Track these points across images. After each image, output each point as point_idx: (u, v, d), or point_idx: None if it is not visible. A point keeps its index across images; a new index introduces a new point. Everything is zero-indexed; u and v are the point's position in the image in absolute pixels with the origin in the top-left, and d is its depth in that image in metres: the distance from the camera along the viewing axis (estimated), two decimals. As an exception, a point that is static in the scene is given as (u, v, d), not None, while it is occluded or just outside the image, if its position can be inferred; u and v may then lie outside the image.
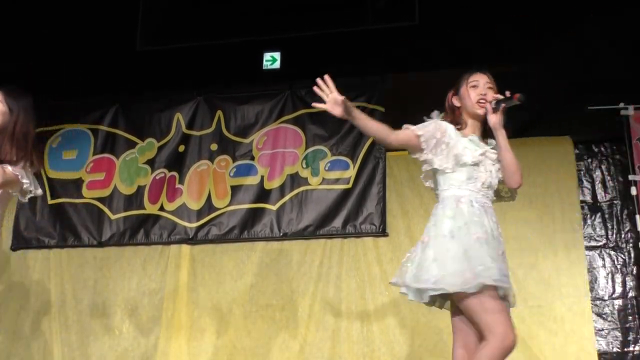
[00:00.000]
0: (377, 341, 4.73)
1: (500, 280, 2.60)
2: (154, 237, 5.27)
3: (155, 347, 4.94)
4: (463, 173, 2.76)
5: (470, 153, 2.76)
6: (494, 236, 2.72)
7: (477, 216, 2.70)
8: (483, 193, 2.77)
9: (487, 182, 2.77)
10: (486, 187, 2.78)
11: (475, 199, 2.74)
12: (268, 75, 5.45)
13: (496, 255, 2.66)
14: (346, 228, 5.03)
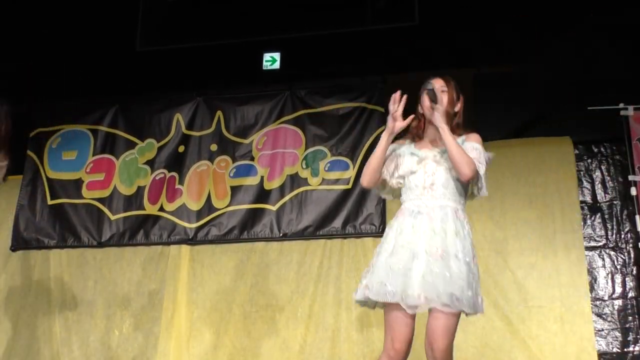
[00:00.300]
0: (377, 342, 4.73)
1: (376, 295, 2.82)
2: (153, 238, 5.27)
3: (155, 348, 4.94)
4: (406, 185, 2.87)
5: (407, 165, 2.88)
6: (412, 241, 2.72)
7: (401, 224, 2.78)
8: (428, 197, 2.79)
9: (428, 183, 2.80)
10: (429, 189, 2.80)
11: (415, 205, 2.79)
12: (268, 76, 5.45)
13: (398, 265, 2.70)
14: (346, 228, 5.03)
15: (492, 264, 4.71)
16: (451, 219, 2.77)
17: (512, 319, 4.55)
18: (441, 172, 2.81)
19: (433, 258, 2.65)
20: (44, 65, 5.35)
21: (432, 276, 2.62)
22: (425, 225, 2.72)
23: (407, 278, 2.67)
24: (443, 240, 2.70)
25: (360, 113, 5.25)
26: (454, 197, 2.82)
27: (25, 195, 5.53)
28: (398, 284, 2.69)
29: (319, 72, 5.47)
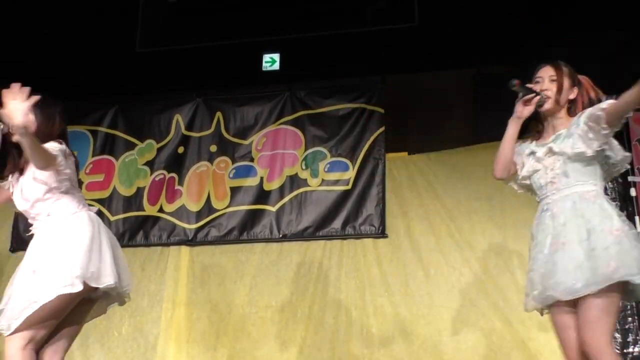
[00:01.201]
0: (376, 342, 4.72)
1: None
2: (153, 239, 5.27)
3: (155, 349, 4.94)
4: (534, 184, 2.77)
5: (528, 164, 2.78)
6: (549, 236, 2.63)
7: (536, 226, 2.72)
8: (553, 190, 2.68)
9: (550, 178, 2.69)
10: (551, 183, 2.69)
11: (544, 203, 2.71)
12: (267, 77, 5.45)
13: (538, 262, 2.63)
14: (346, 229, 5.03)
15: (492, 265, 4.71)
16: (576, 204, 2.60)
17: (512, 321, 4.54)
18: (559, 162, 2.68)
19: (552, 250, 2.56)
20: (44, 66, 5.34)
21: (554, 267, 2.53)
22: (549, 221, 2.64)
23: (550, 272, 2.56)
24: (562, 230, 2.57)
25: (360, 114, 5.25)
26: (578, 182, 2.65)
27: (24, 196, 5.52)
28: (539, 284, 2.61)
29: (319, 72, 5.47)
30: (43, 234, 2.80)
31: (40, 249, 2.75)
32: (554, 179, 2.67)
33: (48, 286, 2.63)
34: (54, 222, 2.80)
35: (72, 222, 2.80)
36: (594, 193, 2.62)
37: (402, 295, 4.79)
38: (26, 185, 2.81)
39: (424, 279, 4.80)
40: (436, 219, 4.92)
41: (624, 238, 2.49)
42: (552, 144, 2.72)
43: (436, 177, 5.02)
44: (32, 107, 2.64)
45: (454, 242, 4.84)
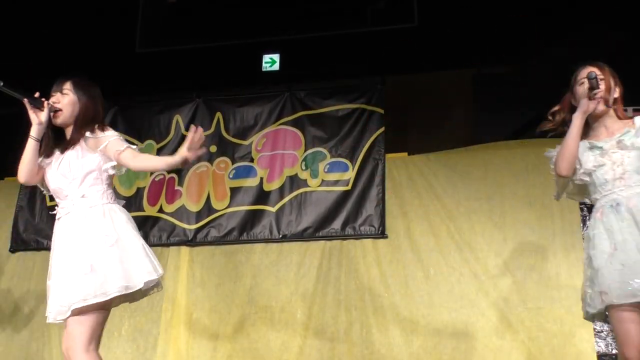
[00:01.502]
0: (376, 343, 4.72)
1: None
2: (153, 239, 5.27)
3: (155, 349, 4.94)
4: (593, 183, 2.74)
5: (592, 159, 2.74)
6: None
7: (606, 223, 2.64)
8: (621, 187, 2.64)
9: (618, 174, 2.66)
10: (620, 179, 2.65)
11: (611, 199, 2.66)
12: (267, 77, 5.46)
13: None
14: (345, 230, 5.03)
15: (492, 265, 4.71)
16: None
17: (512, 321, 4.54)
18: (632, 157, 2.65)
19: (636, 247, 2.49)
20: (44, 66, 5.34)
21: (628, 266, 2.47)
22: (628, 217, 2.57)
23: (609, 273, 2.52)
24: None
25: (359, 114, 5.25)
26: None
27: (24, 196, 5.53)
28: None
29: (319, 73, 5.47)
30: (84, 220, 2.75)
31: (92, 240, 2.70)
32: (624, 175, 2.64)
33: (109, 284, 2.63)
34: (94, 210, 2.78)
35: (117, 216, 2.83)
36: None
37: (401, 296, 4.79)
38: (72, 163, 2.81)
39: (424, 280, 4.80)
40: (436, 220, 4.92)
41: None
42: (623, 137, 2.70)
43: (436, 177, 5.02)
44: (74, 88, 2.80)
45: (454, 243, 4.83)
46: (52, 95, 2.88)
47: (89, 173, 2.81)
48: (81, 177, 2.80)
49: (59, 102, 2.87)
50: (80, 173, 2.80)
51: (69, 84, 2.90)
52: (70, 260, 2.70)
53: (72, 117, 2.87)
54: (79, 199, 2.78)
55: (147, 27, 5.31)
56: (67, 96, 2.87)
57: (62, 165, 2.82)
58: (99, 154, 2.84)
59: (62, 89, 2.89)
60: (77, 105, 2.87)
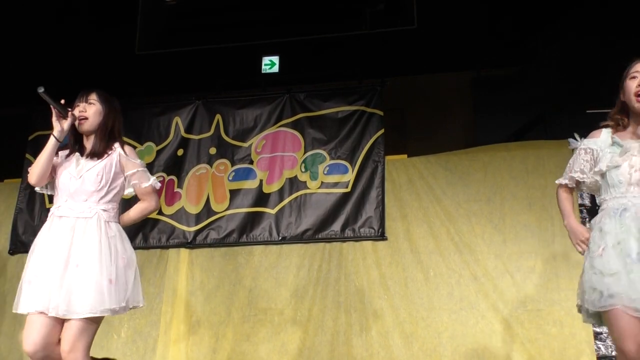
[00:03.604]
0: (375, 345, 4.72)
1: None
2: (152, 241, 5.27)
3: (154, 351, 4.93)
4: (605, 181, 2.63)
5: (609, 157, 2.62)
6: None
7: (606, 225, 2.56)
8: (635, 194, 2.53)
9: (635, 180, 2.53)
10: (635, 186, 2.53)
11: (620, 204, 2.56)
12: (267, 79, 5.46)
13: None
14: (345, 232, 5.03)
15: (491, 267, 4.71)
16: None
17: (511, 323, 4.54)
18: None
19: None
20: (44, 68, 5.35)
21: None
22: (633, 222, 2.47)
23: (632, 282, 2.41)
24: None
25: (359, 116, 5.25)
26: None
27: (23, 198, 5.52)
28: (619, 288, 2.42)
29: (318, 75, 5.48)
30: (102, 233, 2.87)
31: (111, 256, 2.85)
32: (639, 182, 2.53)
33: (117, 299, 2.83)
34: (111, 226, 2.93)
35: (127, 237, 3.01)
36: None
37: (401, 298, 4.79)
38: (102, 173, 2.94)
39: (424, 282, 4.80)
40: (435, 222, 4.92)
41: None
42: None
43: (435, 179, 5.03)
44: (99, 99, 2.97)
45: (454, 245, 4.84)
46: (77, 105, 3.01)
47: (114, 190, 2.98)
48: (106, 190, 2.94)
49: (86, 111, 3.00)
50: (108, 186, 2.95)
51: (94, 95, 3.04)
52: (87, 267, 2.78)
53: (96, 126, 3.01)
54: (101, 211, 2.90)
55: (147, 30, 5.31)
56: (94, 106, 3.01)
57: (91, 171, 2.94)
58: (126, 176, 3.02)
59: (88, 99, 3.03)
60: (101, 116, 3.00)
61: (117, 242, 2.89)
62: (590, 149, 2.70)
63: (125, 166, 2.99)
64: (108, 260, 2.80)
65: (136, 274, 2.95)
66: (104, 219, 2.89)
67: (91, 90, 3.05)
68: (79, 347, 2.73)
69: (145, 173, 3.05)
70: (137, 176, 3.02)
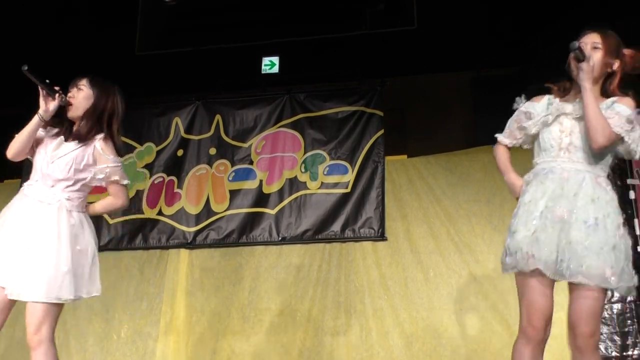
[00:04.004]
0: (375, 346, 4.72)
1: None
2: (152, 242, 5.27)
3: (154, 352, 4.93)
4: (538, 144, 2.62)
5: (543, 120, 2.59)
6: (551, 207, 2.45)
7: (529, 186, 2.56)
8: (564, 159, 2.52)
9: (565, 144, 2.52)
10: (566, 150, 2.52)
11: (549, 166, 2.53)
12: (267, 80, 5.46)
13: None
14: (345, 232, 5.03)
15: (491, 267, 4.71)
16: (589, 184, 2.45)
17: (511, 323, 4.53)
18: (581, 131, 2.50)
19: (551, 217, 2.42)
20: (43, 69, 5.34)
21: (546, 237, 2.40)
22: (552, 184, 2.47)
23: (522, 238, 2.44)
24: (571, 202, 2.42)
25: (359, 117, 5.26)
26: (595, 162, 2.50)
27: (23, 199, 5.52)
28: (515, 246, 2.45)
29: (318, 75, 5.48)
30: (63, 221, 2.85)
31: (71, 244, 2.83)
32: (570, 148, 2.52)
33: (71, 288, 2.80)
34: (74, 215, 2.89)
35: (91, 227, 2.96)
36: (606, 182, 2.52)
37: (401, 298, 4.79)
38: (74, 162, 2.90)
39: (424, 282, 4.80)
40: (435, 222, 4.92)
41: (625, 243, 2.45)
42: (581, 105, 2.53)
43: (435, 179, 5.03)
44: (90, 84, 2.98)
45: (453, 245, 4.84)
46: (69, 91, 3.01)
47: (82, 180, 2.94)
48: (73, 180, 2.91)
49: (74, 97, 2.99)
50: (75, 177, 2.91)
51: (85, 80, 3.04)
52: (44, 254, 2.78)
53: (82, 111, 2.98)
54: (64, 199, 2.88)
55: (146, 30, 5.31)
56: (82, 91, 3.00)
57: (63, 158, 2.91)
58: (96, 168, 2.96)
59: (78, 84, 3.03)
60: (89, 100, 2.99)
61: (77, 230, 2.86)
62: (529, 112, 2.69)
63: (97, 160, 2.94)
64: (65, 249, 2.79)
65: (94, 263, 2.93)
66: (67, 207, 2.86)
67: (84, 76, 3.06)
68: (44, 329, 2.76)
69: (117, 170, 2.98)
70: (107, 171, 2.96)
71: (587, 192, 2.44)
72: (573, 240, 2.40)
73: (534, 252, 2.43)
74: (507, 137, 2.80)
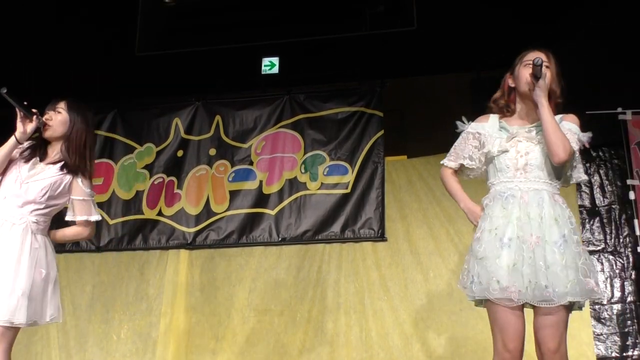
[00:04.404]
0: (375, 346, 4.72)
1: None
2: (152, 242, 5.27)
3: (154, 353, 4.93)
4: (493, 165, 2.64)
5: (498, 142, 2.62)
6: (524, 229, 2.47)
7: (491, 209, 2.59)
8: (521, 179, 2.55)
9: (521, 164, 2.56)
10: (522, 171, 2.56)
11: (507, 188, 2.56)
12: (267, 80, 5.46)
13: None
14: (345, 233, 5.03)
15: (491, 268, 4.71)
16: (548, 203, 2.50)
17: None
18: (537, 152, 2.56)
19: (526, 246, 2.43)
20: (43, 70, 5.35)
21: (526, 267, 2.41)
22: (515, 209, 2.50)
23: (497, 268, 2.44)
24: (539, 226, 2.45)
25: (359, 117, 5.26)
26: (551, 180, 2.55)
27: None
28: (487, 275, 2.46)
29: (318, 76, 5.48)
30: (27, 244, 2.83)
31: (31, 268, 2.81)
32: (526, 168, 2.56)
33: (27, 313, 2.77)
34: (39, 239, 2.89)
35: (53, 253, 2.96)
36: (562, 199, 2.58)
37: (401, 299, 4.79)
38: (49, 188, 2.91)
39: (423, 283, 4.81)
40: (435, 223, 4.92)
41: (587, 255, 2.51)
42: (534, 128, 2.61)
43: (435, 180, 5.01)
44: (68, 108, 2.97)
45: (453, 246, 4.84)
46: (47, 113, 3.01)
47: (53, 207, 2.96)
48: (45, 205, 2.91)
49: (52, 119, 2.99)
50: (48, 201, 2.92)
51: (63, 104, 3.03)
52: (2, 276, 2.75)
53: (61, 134, 2.99)
54: (31, 222, 2.87)
55: (146, 31, 5.30)
56: (60, 114, 3.00)
57: (40, 182, 2.91)
58: (70, 199, 2.99)
59: (55, 107, 3.02)
60: (67, 125, 2.99)
61: (39, 254, 2.84)
62: (479, 133, 2.71)
63: (74, 190, 2.96)
64: (25, 272, 2.76)
65: (55, 289, 2.90)
66: (32, 230, 2.85)
67: (61, 98, 3.05)
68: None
69: (91, 205, 3.01)
70: (81, 205, 2.98)
71: (550, 213, 2.49)
72: (551, 264, 2.42)
73: (514, 283, 2.43)
74: (454, 160, 2.81)
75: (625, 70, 4.70)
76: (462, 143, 2.78)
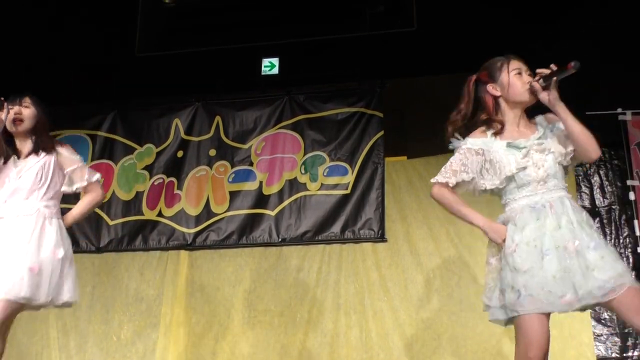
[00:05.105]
0: (375, 347, 4.72)
1: None
2: (152, 243, 5.27)
3: (154, 354, 4.93)
4: (514, 182, 2.63)
5: (513, 160, 2.61)
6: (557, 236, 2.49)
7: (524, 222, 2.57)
8: (544, 190, 2.57)
9: (540, 177, 2.58)
10: (543, 182, 2.58)
11: (533, 201, 2.57)
12: (266, 81, 5.46)
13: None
14: (345, 233, 5.03)
15: (491, 268, 4.70)
16: (571, 209, 2.53)
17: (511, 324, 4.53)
18: (550, 161, 2.59)
19: (568, 254, 2.44)
20: (43, 70, 5.35)
21: (572, 274, 2.41)
22: (550, 220, 2.51)
23: (545, 279, 2.42)
24: (572, 233, 2.47)
25: (359, 118, 5.26)
26: (563, 185, 2.61)
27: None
28: (534, 287, 2.43)
29: (318, 77, 5.47)
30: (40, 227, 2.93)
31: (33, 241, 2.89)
32: (546, 178, 2.57)
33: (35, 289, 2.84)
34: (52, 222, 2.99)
35: (66, 233, 3.08)
36: (573, 200, 2.62)
37: (401, 300, 4.79)
38: (42, 171, 3.03)
39: (423, 283, 4.80)
40: (435, 223, 4.92)
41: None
42: (543, 139, 2.63)
43: (435, 181, 5.02)
44: (33, 103, 3.10)
45: (453, 247, 4.84)
46: (12, 107, 3.10)
47: (54, 186, 3.07)
48: (47, 187, 3.03)
49: (22, 113, 3.11)
50: (48, 183, 3.04)
51: (28, 99, 3.16)
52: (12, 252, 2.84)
53: (30, 127, 3.12)
54: (42, 207, 2.98)
55: (146, 31, 5.30)
56: (29, 109, 3.13)
57: (30, 170, 3.02)
58: (66, 173, 3.12)
59: (22, 102, 3.13)
60: (35, 119, 3.13)
61: (52, 234, 2.94)
62: (482, 149, 2.72)
63: (64, 163, 3.09)
64: (34, 249, 2.85)
65: (70, 270, 3.01)
66: (46, 216, 2.96)
67: (25, 94, 3.17)
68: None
69: (86, 169, 3.16)
70: (80, 172, 3.12)
71: (575, 217, 2.52)
72: (591, 265, 2.42)
73: (565, 291, 2.42)
74: (453, 176, 2.83)
75: (625, 70, 4.70)
76: (463, 159, 2.79)
